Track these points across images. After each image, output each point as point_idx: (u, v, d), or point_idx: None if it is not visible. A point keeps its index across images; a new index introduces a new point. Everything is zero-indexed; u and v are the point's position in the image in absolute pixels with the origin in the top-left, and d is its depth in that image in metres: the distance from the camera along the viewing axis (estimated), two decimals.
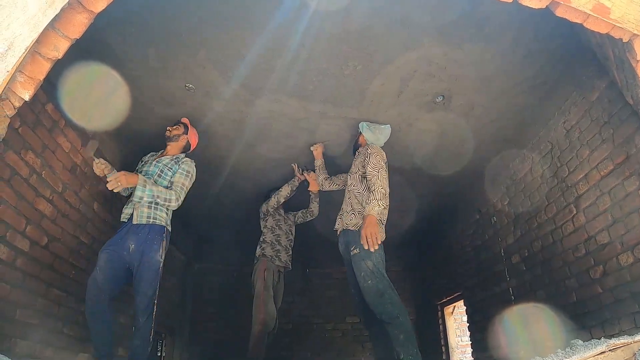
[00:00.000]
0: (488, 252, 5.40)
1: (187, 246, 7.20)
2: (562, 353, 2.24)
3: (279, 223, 5.34)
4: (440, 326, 7.36)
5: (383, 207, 3.62)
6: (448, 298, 7.01)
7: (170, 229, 3.63)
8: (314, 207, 5.45)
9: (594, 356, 2.06)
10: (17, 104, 2.17)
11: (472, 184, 5.51)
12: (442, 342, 7.19)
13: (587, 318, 3.48)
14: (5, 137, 2.29)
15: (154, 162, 3.73)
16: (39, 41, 2.07)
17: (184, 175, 3.72)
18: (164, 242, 3.53)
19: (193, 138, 4.05)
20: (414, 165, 5.09)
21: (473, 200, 5.71)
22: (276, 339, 5.22)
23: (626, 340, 2.08)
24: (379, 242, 3.52)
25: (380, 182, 3.67)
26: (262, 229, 5.34)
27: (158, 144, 4.01)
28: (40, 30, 1.97)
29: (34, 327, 3.08)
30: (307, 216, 5.56)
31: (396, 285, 8.51)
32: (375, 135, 4.15)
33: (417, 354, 3.31)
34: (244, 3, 2.89)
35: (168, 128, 3.90)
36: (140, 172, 3.66)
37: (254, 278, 5.03)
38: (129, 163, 4.12)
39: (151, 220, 3.47)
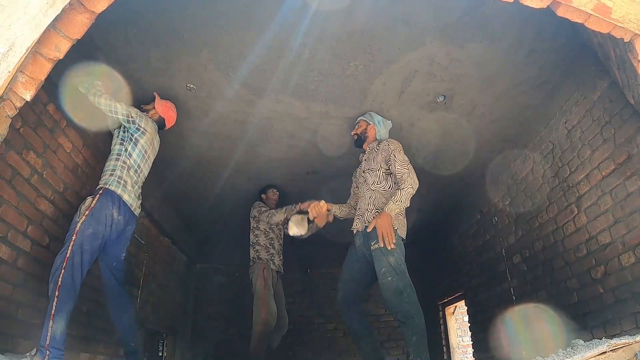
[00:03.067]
0: (489, 252, 5.40)
1: (189, 246, 7.21)
2: (563, 353, 2.24)
3: (272, 227, 5.28)
4: (442, 326, 7.36)
5: (403, 207, 3.63)
6: (449, 298, 7.02)
7: (107, 187, 3.28)
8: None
9: (595, 356, 2.06)
10: (19, 104, 2.17)
11: (474, 183, 5.51)
12: (444, 342, 7.20)
13: (589, 318, 3.47)
14: (7, 137, 2.30)
15: None
16: (40, 41, 2.07)
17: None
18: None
19: (166, 112, 3.74)
20: (415, 165, 5.02)
21: (474, 200, 5.71)
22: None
23: (627, 341, 2.08)
24: (394, 240, 3.51)
25: (411, 179, 3.63)
26: (253, 228, 5.26)
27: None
28: (42, 30, 1.98)
29: (36, 327, 3.07)
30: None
31: None
32: (386, 131, 4.10)
33: (427, 357, 3.26)
34: (246, 4, 2.90)
35: (141, 106, 3.72)
36: None
37: (252, 279, 5.02)
38: None
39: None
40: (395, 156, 3.75)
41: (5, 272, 2.83)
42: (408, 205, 3.64)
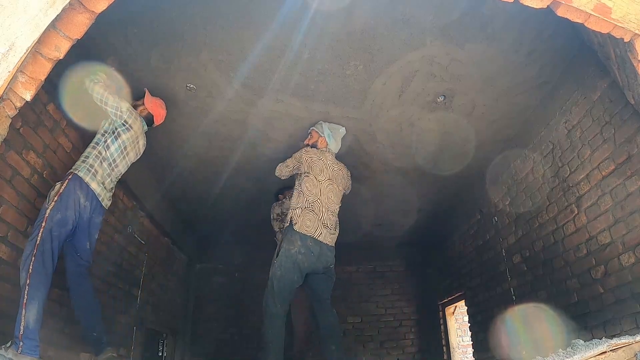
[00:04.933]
0: (489, 252, 5.40)
1: (189, 246, 7.21)
2: (563, 353, 2.24)
3: None
4: (442, 326, 7.37)
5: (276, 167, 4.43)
6: (450, 298, 7.02)
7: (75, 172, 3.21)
8: None
9: (595, 356, 2.06)
10: (19, 104, 2.18)
11: (474, 183, 5.50)
12: (444, 342, 7.21)
13: (589, 318, 3.47)
14: (7, 137, 2.29)
15: None
16: (40, 41, 2.07)
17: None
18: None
19: (155, 109, 3.72)
20: (415, 165, 5.09)
21: (474, 200, 5.71)
22: None
23: (627, 341, 2.08)
24: None
25: (278, 166, 4.39)
26: (276, 229, 5.39)
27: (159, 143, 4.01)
28: (42, 30, 1.98)
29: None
30: None
31: (398, 285, 8.51)
32: (337, 142, 4.29)
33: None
34: (246, 4, 2.90)
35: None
36: None
37: None
38: None
39: None
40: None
41: (5, 272, 2.83)
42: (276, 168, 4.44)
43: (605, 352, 2.05)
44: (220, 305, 7.66)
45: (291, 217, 3.95)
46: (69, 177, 3.13)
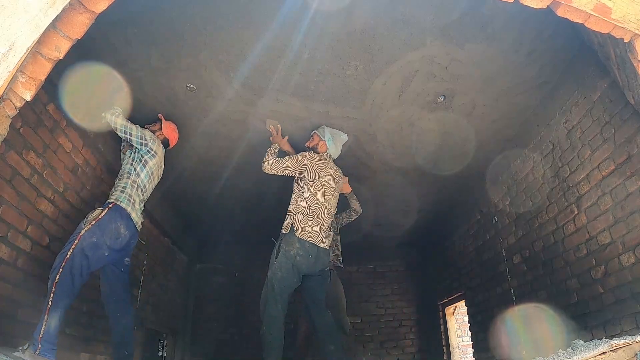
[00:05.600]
0: (489, 252, 5.40)
1: (189, 247, 7.21)
2: (563, 353, 2.24)
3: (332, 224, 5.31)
4: (442, 326, 7.37)
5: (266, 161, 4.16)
6: (450, 298, 7.02)
7: (117, 203, 3.42)
8: (355, 205, 5.17)
9: (595, 356, 2.06)
10: (19, 104, 2.17)
11: (474, 184, 5.50)
12: (444, 342, 7.21)
13: (589, 318, 3.47)
14: (7, 137, 2.30)
15: None
16: (40, 41, 2.07)
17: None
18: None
19: (170, 134, 4.00)
20: (415, 166, 5.09)
21: (474, 200, 5.71)
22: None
23: (627, 341, 2.08)
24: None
25: (265, 161, 4.15)
26: None
27: None
28: (42, 30, 1.98)
29: (36, 326, 3.08)
30: (352, 215, 5.28)
31: (398, 285, 8.52)
32: (337, 147, 4.28)
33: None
34: (246, 4, 2.90)
35: (145, 126, 3.85)
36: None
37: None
38: None
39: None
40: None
41: (5, 272, 2.83)
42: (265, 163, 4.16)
43: (605, 352, 2.06)
44: (220, 305, 7.66)
45: (292, 223, 3.92)
46: (110, 206, 3.32)
